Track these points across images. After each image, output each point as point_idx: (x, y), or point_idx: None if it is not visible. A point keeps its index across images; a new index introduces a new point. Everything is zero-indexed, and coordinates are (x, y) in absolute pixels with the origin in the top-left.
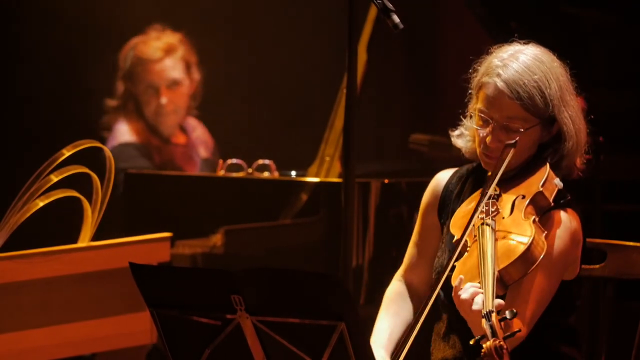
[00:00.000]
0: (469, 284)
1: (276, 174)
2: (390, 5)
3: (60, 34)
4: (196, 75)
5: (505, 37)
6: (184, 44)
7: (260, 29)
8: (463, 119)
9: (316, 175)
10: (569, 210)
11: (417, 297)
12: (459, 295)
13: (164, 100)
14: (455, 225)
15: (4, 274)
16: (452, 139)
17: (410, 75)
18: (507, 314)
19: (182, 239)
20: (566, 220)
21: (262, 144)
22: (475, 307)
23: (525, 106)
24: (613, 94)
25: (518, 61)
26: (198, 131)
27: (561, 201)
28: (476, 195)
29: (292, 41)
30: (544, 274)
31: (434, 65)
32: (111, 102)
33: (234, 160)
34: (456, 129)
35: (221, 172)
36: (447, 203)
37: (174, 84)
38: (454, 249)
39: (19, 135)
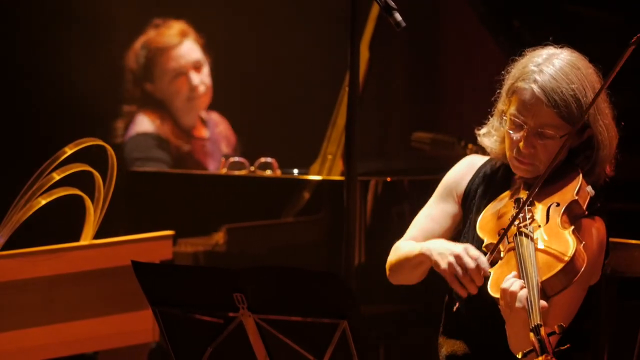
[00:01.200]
0: (513, 278)
1: (278, 172)
2: (392, 4)
3: (62, 32)
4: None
5: (507, 36)
6: (192, 28)
7: (262, 26)
8: (466, 112)
9: (318, 174)
10: (597, 218)
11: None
12: (505, 289)
13: (195, 79)
14: (484, 230)
15: (7, 272)
16: (478, 138)
17: (412, 73)
18: (557, 329)
19: (185, 237)
20: (596, 231)
21: (264, 142)
22: (518, 304)
23: (561, 114)
24: (616, 94)
25: (554, 67)
26: (221, 127)
27: (592, 208)
28: (504, 197)
29: (294, 39)
30: (577, 285)
31: (436, 64)
32: (129, 108)
33: (236, 158)
34: (481, 127)
35: (223, 170)
36: (471, 197)
37: (199, 64)
38: (487, 255)
39: (21, 133)
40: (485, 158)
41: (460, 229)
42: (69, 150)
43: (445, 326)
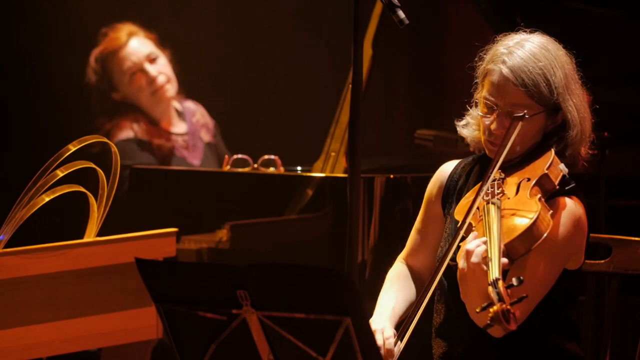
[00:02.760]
0: (477, 239)
1: (282, 169)
2: (395, 1)
3: (64, 32)
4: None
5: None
6: (141, 29)
7: (265, 24)
8: (469, 109)
9: (322, 171)
10: (574, 197)
11: (419, 281)
12: (469, 249)
13: (152, 71)
14: (460, 213)
15: (10, 269)
16: (458, 129)
17: (415, 70)
18: (514, 281)
19: (188, 234)
20: (571, 206)
21: (267, 139)
22: (474, 259)
23: (530, 93)
24: (618, 90)
25: (524, 49)
26: (197, 114)
27: (566, 187)
28: (477, 187)
29: (297, 36)
30: (546, 257)
31: (439, 61)
32: (104, 121)
33: (240, 156)
34: (462, 119)
35: (227, 168)
36: (450, 193)
37: (152, 56)
38: (458, 230)
39: (24, 131)
40: (456, 161)
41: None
42: (72, 148)
43: (437, 327)
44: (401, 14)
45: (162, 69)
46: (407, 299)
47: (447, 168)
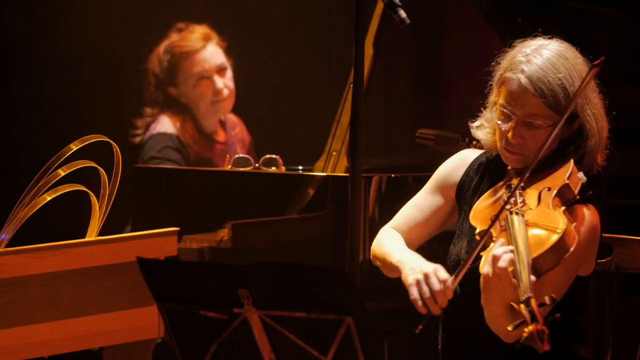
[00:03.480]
0: (504, 246)
1: (283, 169)
2: (396, 0)
3: (69, 33)
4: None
5: (512, 32)
6: (215, 32)
7: (266, 23)
8: (469, 108)
9: (323, 170)
10: (590, 206)
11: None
12: (496, 254)
13: (219, 83)
14: (477, 218)
15: (12, 268)
16: (472, 130)
17: (416, 69)
18: (547, 300)
19: (190, 233)
20: (588, 216)
21: (269, 139)
22: (502, 263)
23: (549, 104)
24: (619, 89)
25: (542, 57)
26: (237, 129)
27: (585, 195)
28: (497, 188)
29: (298, 36)
30: (566, 268)
31: (440, 60)
32: (152, 111)
33: (241, 155)
34: (475, 119)
35: (228, 167)
36: (465, 189)
37: (222, 68)
38: (478, 240)
39: (27, 130)
40: (479, 151)
41: (454, 222)
42: (74, 147)
43: (443, 322)
44: (402, 13)
45: (228, 83)
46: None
47: (469, 156)
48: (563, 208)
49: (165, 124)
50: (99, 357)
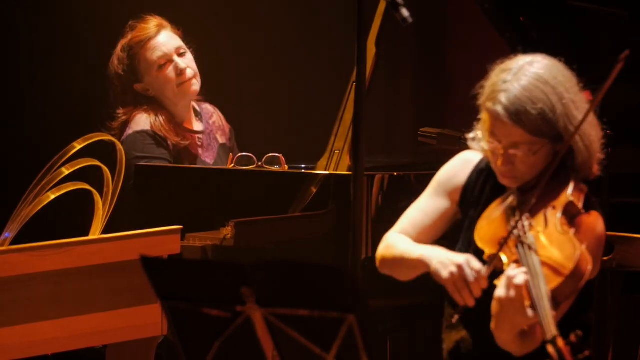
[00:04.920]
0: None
1: (286, 167)
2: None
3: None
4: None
5: (513, 31)
6: (170, 24)
7: (268, 22)
8: (469, 107)
9: (325, 169)
10: (594, 213)
11: None
12: (507, 276)
13: (181, 64)
14: (483, 240)
15: (16, 266)
16: (468, 142)
17: (419, 68)
18: (573, 338)
19: (193, 231)
20: (594, 226)
21: (271, 137)
22: (517, 280)
23: (530, 131)
24: (621, 88)
25: (520, 84)
26: (215, 117)
27: (588, 204)
28: (498, 204)
29: (301, 34)
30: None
31: (442, 59)
32: (123, 110)
33: (244, 153)
34: (470, 130)
35: (231, 165)
36: (470, 190)
37: (181, 49)
38: (488, 263)
39: (30, 129)
40: (480, 155)
41: (458, 225)
42: (78, 145)
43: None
44: (405, 12)
45: (190, 64)
46: None
47: (473, 159)
48: (573, 231)
49: (140, 122)
50: (102, 354)
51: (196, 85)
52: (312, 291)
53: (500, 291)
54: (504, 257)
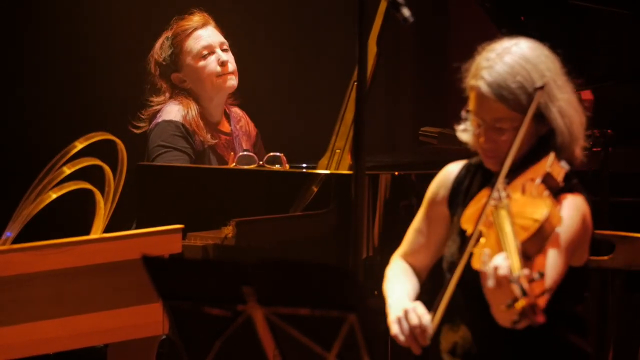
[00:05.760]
0: (496, 256)
1: (287, 167)
2: None
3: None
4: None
5: (514, 31)
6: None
7: (270, 21)
8: (466, 114)
9: (327, 168)
10: (578, 194)
11: (419, 278)
12: (488, 267)
13: (224, 56)
14: (468, 222)
15: (17, 265)
16: (458, 134)
17: (420, 67)
18: (535, 275)
19: (194, 230)
20: (578, 202)
21: (273, 137)
22: (501, 271)
23: (512, 106)
24: (621, 87)
25: (502, 61)
26: (242, 122)
27: (571, 184)
28: (485, 192)
29: (302, 33)
30: (557, 250)
31: (443, 58)
32: (157, 99)
33: (245, 153)
34: (461, 123)
35: (232, 165)
36: (456, 194)
37: (225, 46)
38: (469, 239)
39: (30, 128)
40: (461, 163)
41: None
42: (79, 145)
43: (443, 322)
44: (406, 12)
45: (231, 60)
46: (415, 290)
47: (453, 169)
48: (547, 192)
49: (171, 112)
50: (103, 354)
51: (234, 80)
52: (313, 290)
53: (489, 282)
54: (483, 230)
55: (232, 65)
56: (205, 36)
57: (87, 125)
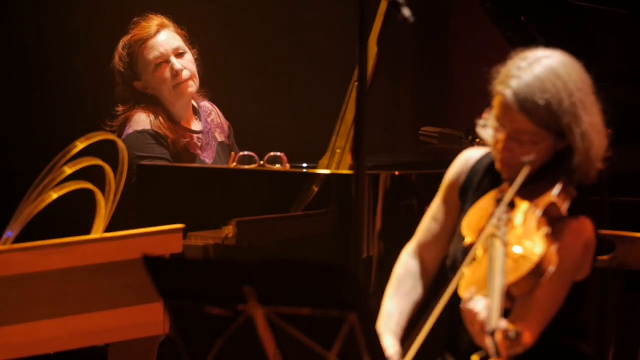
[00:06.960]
0: (479, 298)
1: (288, 166)
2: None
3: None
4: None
5: (515, 31)
6: (173, 23)
7: (271, 20)
8: (471, 108)
9: (327, 168)
10: (582, 218)
11: (427, 277)
12: (469, 307)
13: (177, 65)
14: (468, 228)
15: (18, 265)
16: (477, 128)
17: (421, 67)
18: (511, 334)
19: (195, 230)
20: (579, 230)
21: (273, 137)
22: (480, 318)
23: (534, 121)
24: (623, 87)
25: (533, 73)
26: (213, 115)
27: (575, 209)
28: (491, 195)
29: (303, 33)
30: (556, 284)
31: (444, 58)
32: (122, 109)
33: (246, 153)
34: (482, 118)
35: (233, 165)
36: (469, 187)
37: (179, 50)
38: (465, 253)
39: (32, 128)
40: (483, 150)
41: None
42: (80, 145)
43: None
44: (406, 12)
45: (187, 65)
46: (414, 303)
47: (473, 155)
48: (547, 230)
49: (140, 122)
50: (104, 354)
51: (193, 87)
52: (314, 290)
53: (467, 320)
54: (479, 252)
55: (187, 72)
56: (158, 45)
57: (87, 125)
